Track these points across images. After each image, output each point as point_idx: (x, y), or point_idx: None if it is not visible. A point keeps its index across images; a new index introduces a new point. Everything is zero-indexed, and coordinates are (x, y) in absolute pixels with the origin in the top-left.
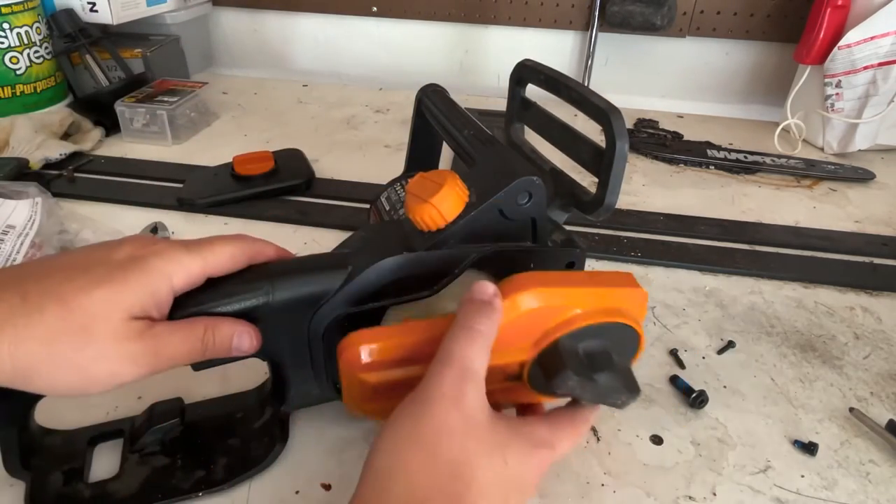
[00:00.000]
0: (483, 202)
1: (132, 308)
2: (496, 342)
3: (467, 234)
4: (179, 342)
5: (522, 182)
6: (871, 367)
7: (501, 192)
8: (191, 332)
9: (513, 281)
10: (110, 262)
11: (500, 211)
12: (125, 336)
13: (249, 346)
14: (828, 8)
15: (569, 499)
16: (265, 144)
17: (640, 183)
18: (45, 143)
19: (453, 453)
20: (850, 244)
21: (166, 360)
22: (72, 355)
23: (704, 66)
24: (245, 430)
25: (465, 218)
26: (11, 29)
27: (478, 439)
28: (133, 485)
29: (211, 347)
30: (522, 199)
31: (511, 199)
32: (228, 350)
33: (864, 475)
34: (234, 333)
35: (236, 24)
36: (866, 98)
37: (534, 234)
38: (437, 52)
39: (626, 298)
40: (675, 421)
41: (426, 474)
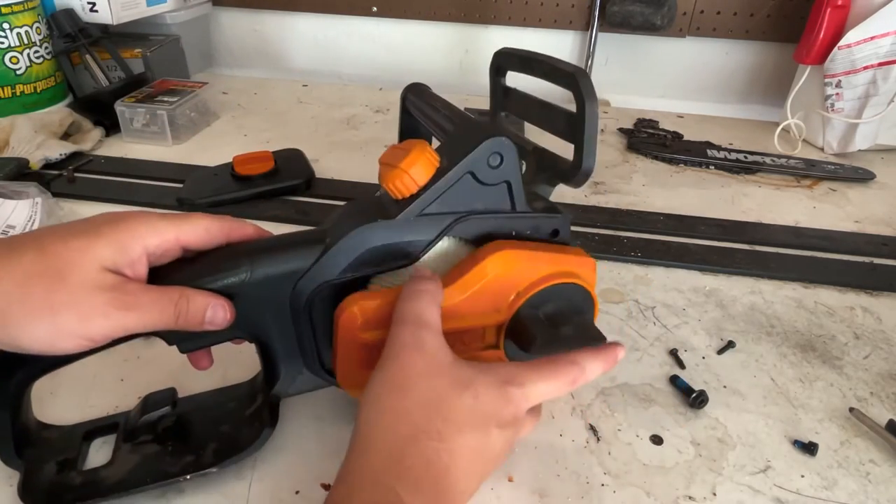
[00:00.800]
0: (453, 166)
1: (103, 259)
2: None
3: (442, 200)
4: (150, 302)
5: (491, 143)
6: (871, 367)
7: (472, 154)
8: (164, 294)
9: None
10: (90, 221)
11: (473, 175)
12: (96, 284)
13: (223, 319)
14: (828, 8)
15: (569, 499)
16: (265, 144)
17: (640, 183)
18: (45, 143)
19: (423, 394)
20: (850, 244)
21: (136, 319)
22: (44, 297)
23: (704, 66)
24: (236, 417)
25: (438, 182)
26: (11, 29)
27: (444, 377)
28: (123, 470)
29: (184, 315)
30: (494, 160)
31: (482, 161)
32: (201, 322)
33: (864, 475)
34: (208, 305)
35: (236, 24)
36: (866, 98)
37: (511, 199)
38: (437, 52)
39: (578, 264)
40: (675, 421)
41: (403, 419)
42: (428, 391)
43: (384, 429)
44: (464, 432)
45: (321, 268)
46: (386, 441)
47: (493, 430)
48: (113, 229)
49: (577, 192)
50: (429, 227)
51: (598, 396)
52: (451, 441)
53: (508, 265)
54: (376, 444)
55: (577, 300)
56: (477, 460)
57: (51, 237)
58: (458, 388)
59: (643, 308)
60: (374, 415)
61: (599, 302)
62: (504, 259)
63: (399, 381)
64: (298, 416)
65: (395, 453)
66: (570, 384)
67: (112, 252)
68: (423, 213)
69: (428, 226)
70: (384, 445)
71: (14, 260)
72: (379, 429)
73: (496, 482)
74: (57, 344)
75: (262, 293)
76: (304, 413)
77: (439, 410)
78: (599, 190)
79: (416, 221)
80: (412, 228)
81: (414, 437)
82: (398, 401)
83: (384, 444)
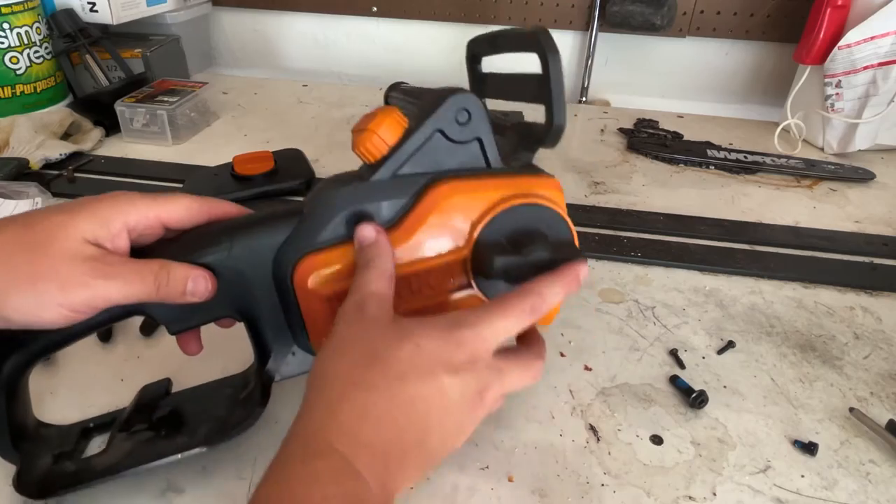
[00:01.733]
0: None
1: (84, 232)
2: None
3: (415, 161)
4: (131, 272)
5: (456, 98)
6: (871, 367)
7: (437, 111)
8: (144, 265)
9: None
10: (75, 199)
11: (443, 133)
12: (76, 254)
13: (204, 289)
14: (828, 8)
15: (569, 499)
16: (265, 144)
17: (640, 183)
18: (45, 143)
19: (360, 352)
20: (850, 244)
21: (117, 288)
22: (26, 268)
23: (704, 66)
24: (230, 402)
25: (407, 141)
26: (11, 29)
27: (382, 334)
28: (116, 456)
29: (164, 287)
30: (462, 117)
31: (449, 118)
32: (183, 293)
33: (864, 475)
34: (188, 276)
35: (236, 24)
36: (866, 98)
37: (485, 156)
38: (437, 52)
39: (538, 184)
40: (675, 421)
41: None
42: (364, 349)
43: (321, 392)
44: (406, 379)
45: (299, 236)
46: (322, 401)
47: (442, 375)
48: (94, 205)
49: (577, 192)
50: (404, 188)
51: (598, 396)
52: (390, 389)
53: (454, 195)
54: (313, 408)
55: (544, 222)
56: (429, 410)
57: (35, 214)
58: (397, 341)
59: (643, 308)
60: (312, 382)
61: (599, 301)
62: (448, 191)
63: (336, 346)
64: None
65: (330, 410)
66: (531, 313)
67: (93, 225)
68: (397, 174)
69: (403, 187)
70: (320, 405)
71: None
72: (317, 393)
73: (496, 482)
74: (41, 315)
75: (244, 268)
76: None
77: (375, 364)
78: (599, 190)
79: (390, 183)
80: (387, 190)
81: (348, 392)
82: (334, 364)
83: (320, 404)
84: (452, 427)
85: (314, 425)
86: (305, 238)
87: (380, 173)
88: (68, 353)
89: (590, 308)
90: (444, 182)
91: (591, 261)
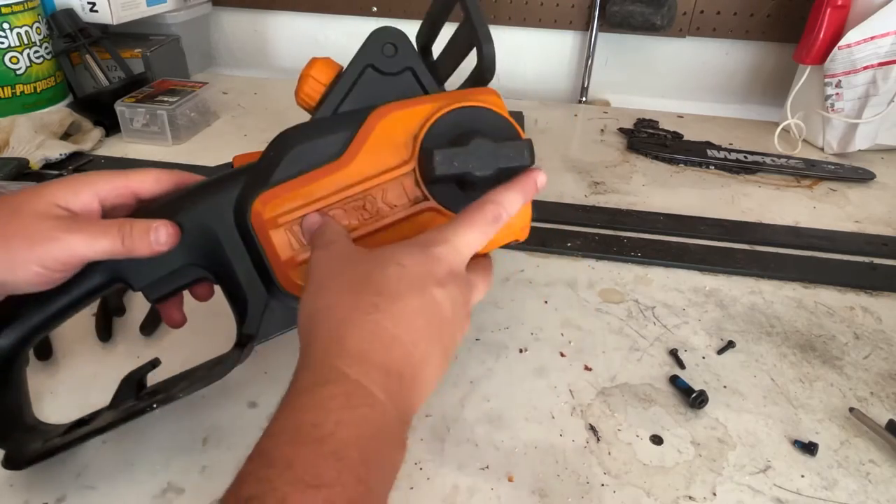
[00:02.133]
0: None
1: (56, 198)
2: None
3: (353, 97)
4: (95, 227)
5: (378, 32)
6: (871, 367)
7: (362, 47)
8: (109, 224)
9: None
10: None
11: (374, 68)
12: (46, 214)
13: (167, 236)
14: (828, 8)
15: (569, 499)
16: (265, 144)
17: (640, 183)
18: (45, 143)
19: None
20: (850, 244)
21: (83, 242)
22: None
23: (704, 66)
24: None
25: (341, 80)
26: (11, 29)
27: (363, 262)
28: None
29: (128, 237)
30: (388, 50)
31: (376, 53)
32: (149, 244)
33: (864, 475)
34: (150, 226)
35: (236, 24)
36: (866, 98)
37: (420, 84)
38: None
39: (474, 93)
40: (675, 421)
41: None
42: (350, 278)
43: (319, 325)
44: (402, 297)
45: (253, 181)
46: (322, 332)
47: (433, 289)
48: (67, 178)
49: (577, 192)
50: (346, 122)
51: (598, 396)
52: (391, 308)
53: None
54: (314, 341)
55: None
56: (430, 323)
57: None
58: (381, 265)
59: (643, 308)
60: (306, 322)
61: (599, 301)
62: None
63: (320, 283)
64: None
65: (333, 337)
66: (493, 222)
67: (64, 193)
68: (338, 111)
69: (345, 121)
70: (321, 336)
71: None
72: (314, 327)
73: (496, 482)
74: (15, 274)
75: (209, 223)
76: None
77: (368, 287)
78: (599, 190)
79: (333, 119)
80: (330, 125)
81: (348, 317)
82: (324, 297)
83: (321, 335)
84: (449, 338)
85: (318, 355)
86: (258, 183)
87: (320, 111)
88: (68, 353)
89: (590, 308)
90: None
91: (591, 261)
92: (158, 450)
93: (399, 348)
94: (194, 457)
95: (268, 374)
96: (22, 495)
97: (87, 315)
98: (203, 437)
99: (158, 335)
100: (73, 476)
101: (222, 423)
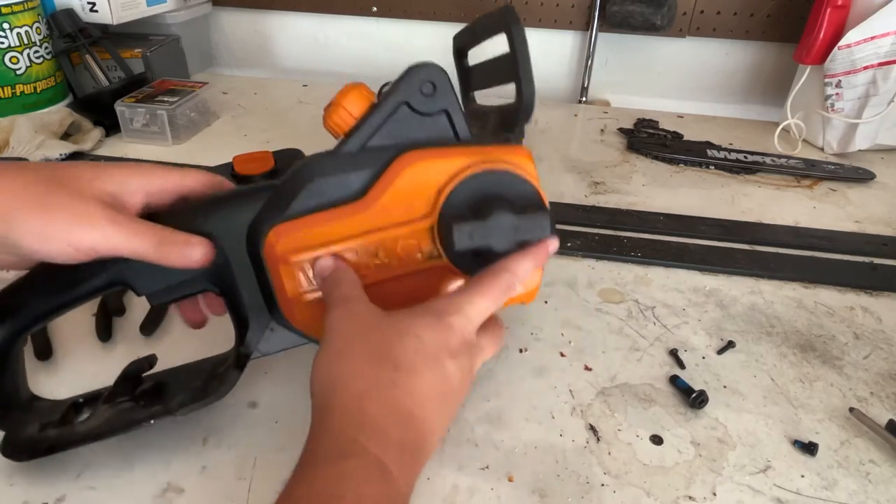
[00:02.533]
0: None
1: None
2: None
3: (383, 133)
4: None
5: (419, 70)
6: (871, 367)
7: (400, 83)
8: (150, 228)
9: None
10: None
11: (409, 105)
12: (93, 196)
13: (201, 255)
14: (828, 8)
15: (569, 499)
16: (265, 144)
17: (640, 183)
18: (45, 143)
19: (365, 351)
20: (850, 244)
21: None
22: (42, 197)
23: (704, 66)
24: (208, 376)
25: (373, 114)
26: (11, 29)
27: (380, 330)
28: (97, 423)
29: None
30: (427, 89)
31: (413, 90)
32: (182, 258)
33: (864, 475)
34: (188, 242)
35: (236, 24)
36: (866, 98)
37: (453, 128)
38: (437, 52)
39: (506, 152)
40: (675, 421)
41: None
42: (369, 347)
43: (337, 394)
44: (419, 372)
45: (270, 208)
46: (341, 402)
47: (446, 362)
48: (120, 166)
49: (577, 192)
50: (372, 159)
51: (598, 396)
52: (408, 384)
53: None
54: (332, 410)
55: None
56: (440, 395)
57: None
58: (398, 335)
59: (643, 308)
60: (323, 387)
61: (599, 301)
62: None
63: (339, 349)
64: (298, 414)
65: (353, 409)
66: (506, 291)
67: (116, 180)
68: (366, 147)
69: (371, 158)
70: (340, 406)
71: (29, 170)
72: (332, 395)
73: (496, 482)
74: (47, 245)
75: (221, 241)
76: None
77: (386, 360)
78: (599, 190)
79: (358, 154)
80: (355, 161)
81: (368, 391)
82: (343, 365)
83: (340, 405)
84: (454, 406)
85: (338, 424)
86: (276, 210)
87: (348, 145)
88: (68, 354)
89: (590, 308)
90: (410, 151)
91: (591, 261)
92: (158, 450)
93: (413, 424)
94: (194, 457)
95: (267, 374)
96: (22, 495)
97: (88, 315)
98: (203, 437)
99: (158, 335)
100: (73, 476)
101: (222, 423)
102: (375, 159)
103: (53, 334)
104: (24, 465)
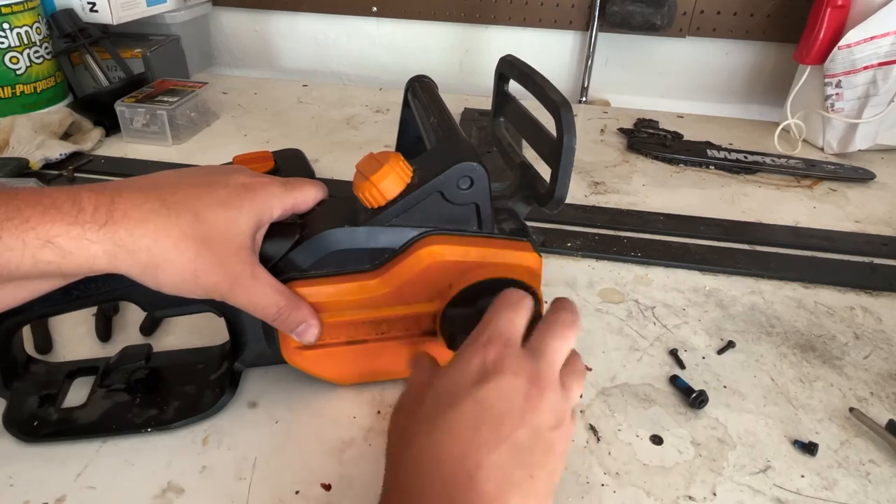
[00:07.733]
0: (423, 184)
1: (244, 230)
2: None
3: (410, 214)
4: (268, 293)
5: (462, 167)
6: (871, 367)
7: (441, 176)
8: (278, 294)
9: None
10: (228, 185)
11: (442, 194)
12: (241, 247)
13: (312, 337)
14: (828, 8)
15: (569, 498)
16: (265, 144)
17: (640, 183)
18: (45, 143)
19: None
20: (850, 244)
21: (248, 303)
22: (192, 260)
23: (704, 66)
24: (202, 379)
25: (405, 198)
26: (11, 29)
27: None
28: (94, 415)
29: (283, 318)
30: (464, 183)
31: (451, 183)
32: (291, 331)
33: (864, 475)
34: (305, 321)
35: (236, 24)
36: (866, 98)
37: (479, 219)
38: (437, 52)
39: (519, 254)
40: (675, 421)
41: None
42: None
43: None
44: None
45: (289, 261)
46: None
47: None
48: (252, 203)
49: (577, 191)
50: (394, 236)
51: (598, 396)
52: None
53: (441, 258)
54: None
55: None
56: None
57: (201, 205)
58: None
59: (643, 308)
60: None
61: (599, 301)
62: (436, 252)
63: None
64: (298, 415)
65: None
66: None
67: (250, 223)
68: (390, 224)
69: (393, 235)
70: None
71: (172, 221)
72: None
73: None
74: (182, 292)
75: None
76: (303, 412)
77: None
78: (599, 190)
79: (381, 230)
80: (377, 237)
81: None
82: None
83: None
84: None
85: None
86: (295, 264)
87: (373, 222)
88: (68, 354)
89: (590, 308)
90: (433, 240)
91: (591, 261)
92: (158, 450)
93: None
94: (194, 457)
95: (268, 374)
96: (22, 495)
97: (88, 315)
98: (203, 437)
99: (158, 335)
100: (73, 476)
101: (222, 423)
102: (398, 237)
103: (53, 335)
104: (24, 465)
